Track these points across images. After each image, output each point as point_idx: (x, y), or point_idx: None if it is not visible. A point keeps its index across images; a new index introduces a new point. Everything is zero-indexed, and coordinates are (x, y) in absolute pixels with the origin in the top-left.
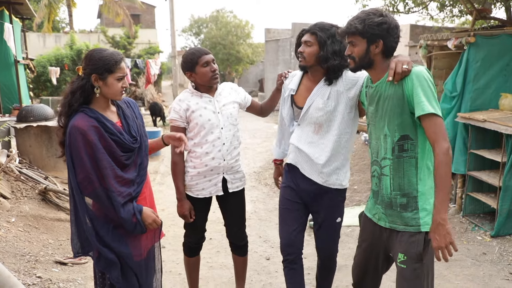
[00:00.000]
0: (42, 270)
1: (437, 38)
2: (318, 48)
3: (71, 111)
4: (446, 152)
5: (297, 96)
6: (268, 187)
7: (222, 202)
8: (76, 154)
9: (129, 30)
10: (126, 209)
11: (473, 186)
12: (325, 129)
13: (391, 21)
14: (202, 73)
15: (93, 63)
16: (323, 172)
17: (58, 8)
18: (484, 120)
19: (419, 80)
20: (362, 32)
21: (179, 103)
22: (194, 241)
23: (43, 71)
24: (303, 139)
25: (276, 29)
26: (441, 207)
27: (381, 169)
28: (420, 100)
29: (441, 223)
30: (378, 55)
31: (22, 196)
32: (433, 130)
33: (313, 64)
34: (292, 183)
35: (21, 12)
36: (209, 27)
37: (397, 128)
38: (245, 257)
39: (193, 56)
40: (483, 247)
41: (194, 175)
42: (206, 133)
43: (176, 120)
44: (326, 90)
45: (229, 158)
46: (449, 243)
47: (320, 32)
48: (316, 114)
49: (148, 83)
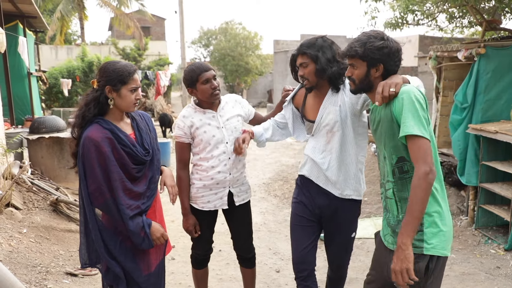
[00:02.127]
0: (53, 281)
1: (447, 49)
2: (313, 64)
3: (84, 122)
4: (422, 177)
5: (306, 112)
6: (277, 199)
7: (228, 215)
8: (89, 165)
9: (140, 42)
10: (135, 222)
11: (486, 198)
12: (338, 137)
13: (393, 45)
14: (202, 90)
15: (107, 75)
16: (339, 182)
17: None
18: (496, 132)
19: (406, 100)
20: (362, 55)
21: (183, 119)
22: (202, 253)
23: (55, 83)
24: (317, 149)
25: (285, 40)
26: (404, 230)
27: (386, 192)
28: (405, 121)
29: (402, 247)
30: (378, 78)
31: (34, 207)
32: (415, 152)
33: (317, 81)
34: (305, 198)
35: (35, 25)
36: (218, 38)
37: (393, 151)
38: (253, 269)
39: (193, 73)
40: (497, 261)
41: (200, 187)
42: (211, 148)
43: (181, 136)
44: (336, 98)
45: (234, 172)
46: (404, 269)
47: (308, 50)
48: (329, 122)
49: (158, 95)
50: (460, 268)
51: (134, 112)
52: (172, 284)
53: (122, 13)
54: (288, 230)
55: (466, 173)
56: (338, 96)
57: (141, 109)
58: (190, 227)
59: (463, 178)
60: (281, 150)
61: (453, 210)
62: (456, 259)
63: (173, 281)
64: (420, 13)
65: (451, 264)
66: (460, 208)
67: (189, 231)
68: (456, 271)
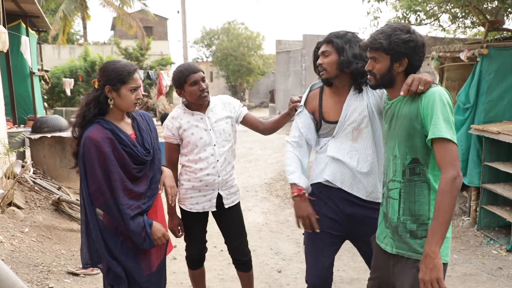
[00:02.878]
0: (54, 280)
1: (450, 50)
2: (337, 55)
3: (85, 122)
4: (451, 181)
5: (325, 113)
6: (279, 199)
7: (218, 218)
8: (89, 165)
9: (142, 42)
10: (136, 222)
11: (488, 199)
12: (365, 135)
13: (419, 39)
14: (190, 92)
15: (107, 75)
16: (367, 184)
17: (73, 20)
18: (498, 132)
19: (438, 102)
20: (386, 48)
21: (172, 120)
22: (196, 253)
23: (58, 83)
24: (342, 149)
25: (287, 40)
26: (433, 239)
27: (388, 192)
28: (436, 123)
29: (431, 255)
30: (401, 73)
31: (36, 206)
32: (443, 156)
33: (336, 73)
34: (329, 210)
35: (37, 25)
36: (220, 38)
37: (408, 151)
38: (249, 272)
39: (181, 74)
40: (499, 262)
41: (189, 189)
42: (199, 150)
43: (169, 137)
44: (361, 96)
45: (223, 174)
46: (435, 279)
47: (336, 39)
48: (356, 119)
49: (160, 94)
50: (462, 269)
51: (135, 112)
52: (174, 283)
53: (124, 13)
54: (290, 230)
55: (468, 173)
56: (362, 94)
57: (143, 108)
58: (174, 227)
59: (465, 178)
60: (282, 150)
61: (455, 210)
62: (458, 259)
63: (175, 280)
64: (423, 13)
65: (453, 265)
66: (462, 208)
67: (173, 231)
68: (458, 271)
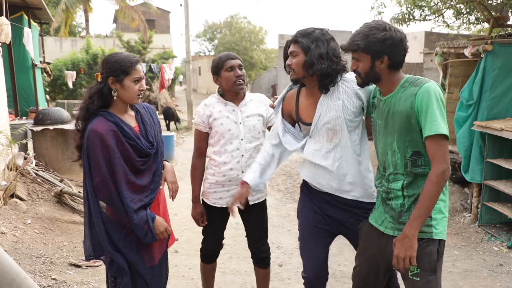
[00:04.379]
0: (57, 272)
1: (454, 46)
2: (303, 55)
3: (89, 115)
4: (442, 174)
5: (301, 113)
6: (280, 193)
7: (243, 212)
8: (93, 158)
9: (144, 35)
10: (139, 215)
11: (490, 196)
12: (340, 135)
13: (395, 35)
14: (225, 77)
15: (109, 66)
16: (345, 183)
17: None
18: (502, 129)
19: (433, 98)
20: (364, 49)
21: (204, 107)
22: (212, 248)
23: (60, 75)
24: (318, 151)
25: (290, 35)
26: (414, 223)
27: (389, 184)
28: (432, 119)
29: (409, 237)
30: (385, 69)
31: (38, 198)
32: (437, 150)
33: (304, 74)
34: (316, 207)
35: (39, 17)
36: (223, 32)
37: (409, 144)
38: (267, 269)
39: (219, 60)
40: (500, 258)
41: (213, 183)
42: (225, 142)
43: (199, 124)
44: (333, 95)
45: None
46: (408, 257)
47: (302, 38)
48: (330, 119)
49: (162, 88)
50: (463, 265)
51: (139, 105)
52: (175, 276)
53: (127, 6)
54: (291, 224)
55: (470, 170)
56: (336, 93)
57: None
58: (197, 216)
59: (467, 175)
60: None
61: (457, 207)
62: (459, 256)
63: (176, 273)
64: (427, 8)
65: (454, 261)
66: (463, 205)
67: (196, 219)
68: (459, 267)
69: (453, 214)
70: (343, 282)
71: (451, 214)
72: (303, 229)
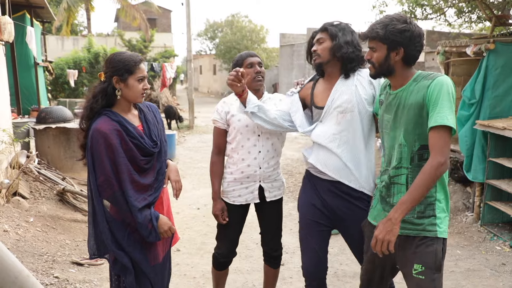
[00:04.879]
0: (59, 270)
1: (456, 45)
2: (330, 41)
3: (93, 114)
4: (437, 166)
5: (316, 99)
6: None
7: (259, 210)
8: (98, 157)
9: (145, 34)
10: (143, 214)
11: (492, 195)
12: (349, 119)
13: (415, 29)
14: (246, 74)
15: (113, 65)
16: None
17: (77, 12)
18: (504, 128)
19: (445, 90)
20: (383, 37)
21: (223, 105)
22: (225, 254)
23: (61, 73)
24: (324, 133)
25: (291, 34)
26: (400, 208)
27: (392, 178)
28: (440, 111)
29: (392, 220)
30: (399, 62)
31: (40, 196)
32: (438, 141)
33: (328, 59)
34: (317, 201)
35: (42, 16)
36: (224, 31)
37: (417, 138)
38: (277, 269)
39: (240, 57)
40: (502, 258)
41: (231, 181)
42: (242, 138)
43: (217, 121)
44: (350, 82)
45: (265, 167)
46: (387, 240)
47: (331, 27)
48: (342, 103)
49: (163, 87)
50: (465, 265)
51: (142, 104)
52: (177, 275)
53: (128, 5)
54: (293, 223)
55: (472, 169)
56: (353, 81)
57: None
58: (217, 212)
59: (469, 174)
60: (286, 143)
61: (459, 206)
62: (462, 255)
63: (178, 272)
64: (429, 7)
65: (456, 260)
66: (465, 204)
67: (217, 215)
68: (461, 267)
69: (455, 213)
70: (345, 281)
71: (453, 213)
72: (300, 223)
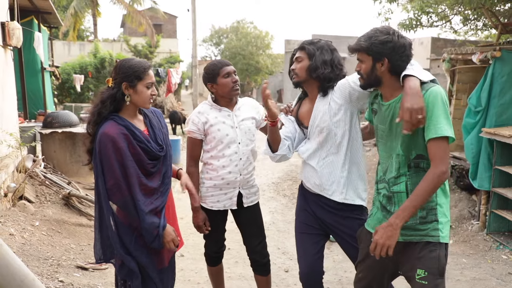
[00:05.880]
0: (64, 274)
1: (461, 52)
2: (308, 61)
3: (100, 119)
4: (440, 175)
5: (302, 118)
6: (286, 198)
7: (238, 217)
8: (106, 161)
9: (151, 39)
10: (151, 219)
11: (498, 203)
12: (326, 137)
13: (398, 40)
14: (223, 83)
15: (123, 72)
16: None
17: (84, 17)
18: (510, 136)
19: (439, 102)
20: (366, 49)
21: (198, 115)
22: (214, 250)
23: (68, 78)
24: (309, 151)
25: (296, 40)
26: (402, 214)
27: (391, 187)
28: (437, 122)
29: (393, 226)
30: (385, 73)
31: (46, 200)
32: (438, 151)
33: (305, 78)
34: (308, 207)
35: (49, 21)
36: (229, 37)
37: (413, 147)
38: (268, 276)
39: (215, 67)
40: (509, 267)
41: (210, 187)
42: (223, 147)
43: (194, 132)
44: (325, 100)
45: (245, 173)
46: (387, 245)
47: (309, 46)
48: (320, 122)
49: (168, 92)
50: (471, 273)
51: (147, 109)
52: (182, 280)
53: (134, 10)
54: None
55: (478, 177)
56: (327, 98)
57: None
58: (200, 222)
59: (475, 182)
60: None
61: (464, 214)
62: (467, 264)
63: (182, 277)
64: (435, 14)
65: (462, 269)
66: (471, 212)
67: (199, 226)
68: (467, 276)
69: (460, 221)
70: None
71: (459, 221)
72: (296, 228)
